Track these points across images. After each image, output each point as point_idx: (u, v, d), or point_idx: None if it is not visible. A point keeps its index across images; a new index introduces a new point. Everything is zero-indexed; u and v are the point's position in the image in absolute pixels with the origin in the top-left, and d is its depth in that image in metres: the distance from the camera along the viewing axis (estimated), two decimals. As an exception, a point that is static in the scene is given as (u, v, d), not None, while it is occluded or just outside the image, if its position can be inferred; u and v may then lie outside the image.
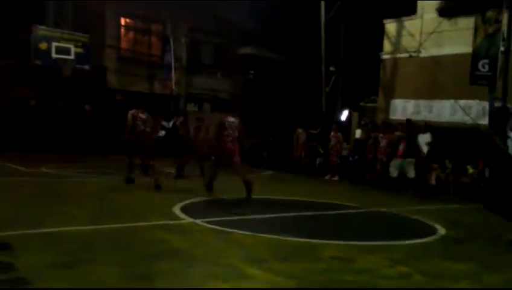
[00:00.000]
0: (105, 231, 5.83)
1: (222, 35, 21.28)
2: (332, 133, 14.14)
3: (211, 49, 22.04)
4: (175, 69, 19.34)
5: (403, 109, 15.48)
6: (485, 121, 12.39)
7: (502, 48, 11.42)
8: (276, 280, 4.23)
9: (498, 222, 8.08)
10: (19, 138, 15.61)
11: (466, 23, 13.23)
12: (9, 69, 16.19)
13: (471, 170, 11.68)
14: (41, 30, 16.15)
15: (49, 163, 12.64)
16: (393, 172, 12.16)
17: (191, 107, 20.96)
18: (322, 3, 16.44)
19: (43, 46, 15.79)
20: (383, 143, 12.38)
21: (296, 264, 4.81)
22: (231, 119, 9.15)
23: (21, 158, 13.30)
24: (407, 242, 6.24)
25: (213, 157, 10.06)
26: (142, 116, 9.94)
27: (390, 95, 15.90)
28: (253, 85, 21.60)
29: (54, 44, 15.96)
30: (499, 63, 11.34)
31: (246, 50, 21.75)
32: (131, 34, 19.99)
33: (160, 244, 5.32)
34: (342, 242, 5.93)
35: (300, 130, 15.10)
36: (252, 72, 21.88)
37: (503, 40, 11.40)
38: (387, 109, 15.92)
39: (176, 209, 7.36)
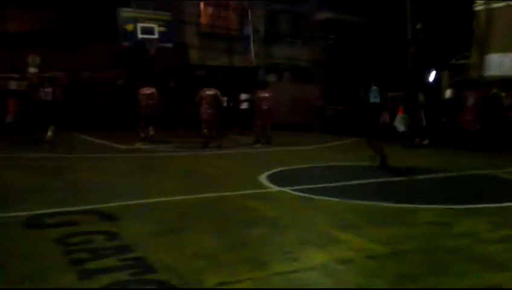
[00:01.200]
0: (198, 200, 6.05)
1: (299, 3, 20.85)
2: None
3: (288, 18, 21.74)
4: (253, 41, 19.36)
5: (499, 64, 14.28)
6: None
7: None
8: (370, 245, 4.14)
9: None
10: (111, 117, 16.54)
11: None
12: (101, 52, 17.14)
13: None
14: (126, 12, 16.90)
15: (141, 140, 13.32)
16: (399, 127, 12.81)
17: (271, 77, 20.98)
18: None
19: (130, 27, 16.55)
20: (470, 102, 11.63)
21: (389, 230, 4.68)
22: (208, 92, 12.07)
23: (115, 136, 14.16)
24: (507, 204, 5.82)
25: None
26: (147, 91, 12.90)
27: (484, 50, 14.72)
28: (335, 51, 21.04)
29: (139, 25, 16.65)
30: None
31: (324, 15, 21.17)
32: (210, 10, 20.24)
33: (251, 212, 5.43)
34: (436, 206, 5.68)
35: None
36: (332, 37, 21.29)
37: None
38: (481, 65, 14.78)
39: (262, 179, 7.46)
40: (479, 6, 15.00)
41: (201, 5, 19.98)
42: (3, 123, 14.63)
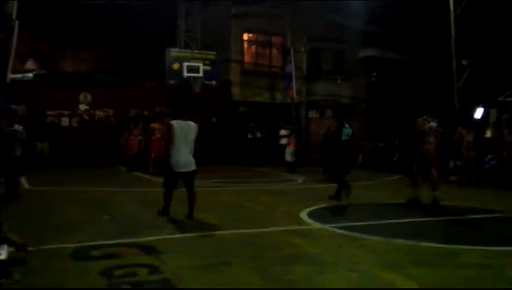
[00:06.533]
0: (239, 235, 6.06)
1: (341, 41, 21.05)
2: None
3: (330, 55, 21.91)
4: (296, 77, 19.58)
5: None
6: None
7: None
8: (417, 287, 4.00)
9: None
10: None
11: None
12: (149, 90, 17.76)
13: None
14: (173, 52, 17.60)
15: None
16: (287, 157, 15.18)
17: (313, 114, 21.04)
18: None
19: (176, 66, 17.17)
20: (468, 138, 11.90)
21: (437, 271, 4.51)
22: None
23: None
24: None
25: None
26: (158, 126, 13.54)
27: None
28: (377, 87, 20.95)
29: (185, 64, 17.24)
30: None
31: (367, 52, 21.23)
32: (253, 48, 20.73)
33: (292, 249, 5.38)
34: (485, 248, 5.43)
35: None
36: (375, 74, 21.25)
37: None
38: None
39: (304, 215, 7.40)
40: (527, 42, 14.66)
41: (245, 43, 20.50)
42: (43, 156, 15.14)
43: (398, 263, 4.77)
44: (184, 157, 6.87)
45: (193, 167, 7.03)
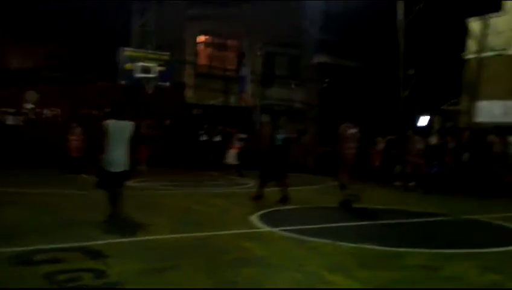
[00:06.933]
0: (187, 239, 6.04)
1: (296, 46, 21.40)
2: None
3: (285, 60, 22.24)
4: (250, 81, 19.71)
5: (489, 111, 14.60)
6: None
7: None
8: (359, 287, 4.15)
9: None
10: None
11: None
12: (100, 90, 17.33)
13: None
14: (127, 51, 17.30)
15: (133, 177, 13.29)
16: (231, 160, 15.55)
17: (266, 118, 21.23)
18: (400, 7, 16.05)
19: (129, 66, 16.88)
20: (419, 146, 12.48)
21: (379, 273, 4.69)
22: None
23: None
24: (497, 249, 5.85)
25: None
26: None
27: (475, 97, 15.08)
28: (329, 93, 21.45)
29: (138, 64, 16.99)
30: None
31: (320, 58, 21.72)
32: (208, 50, 20.70)
33: (241, 252, 5.42)
34: (427, 250, 5.68)
35: (380, 138, 14.76)
36: (327, 80, 21.75)
37: None
38: (471, 111, 15.10)
39: (254, 219, 7.46)
40: (469, 55, 15.48)
41: (200, 46, 20.45)
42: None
43: (345, 265, 4.91)
44: (119, 156, 6.79)
45: (127, 167, 6.93)
